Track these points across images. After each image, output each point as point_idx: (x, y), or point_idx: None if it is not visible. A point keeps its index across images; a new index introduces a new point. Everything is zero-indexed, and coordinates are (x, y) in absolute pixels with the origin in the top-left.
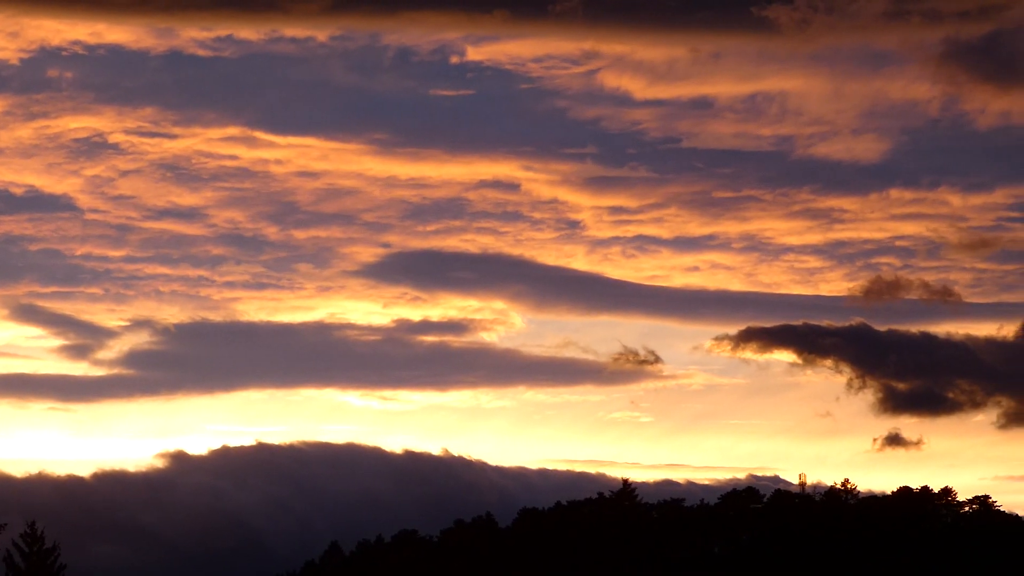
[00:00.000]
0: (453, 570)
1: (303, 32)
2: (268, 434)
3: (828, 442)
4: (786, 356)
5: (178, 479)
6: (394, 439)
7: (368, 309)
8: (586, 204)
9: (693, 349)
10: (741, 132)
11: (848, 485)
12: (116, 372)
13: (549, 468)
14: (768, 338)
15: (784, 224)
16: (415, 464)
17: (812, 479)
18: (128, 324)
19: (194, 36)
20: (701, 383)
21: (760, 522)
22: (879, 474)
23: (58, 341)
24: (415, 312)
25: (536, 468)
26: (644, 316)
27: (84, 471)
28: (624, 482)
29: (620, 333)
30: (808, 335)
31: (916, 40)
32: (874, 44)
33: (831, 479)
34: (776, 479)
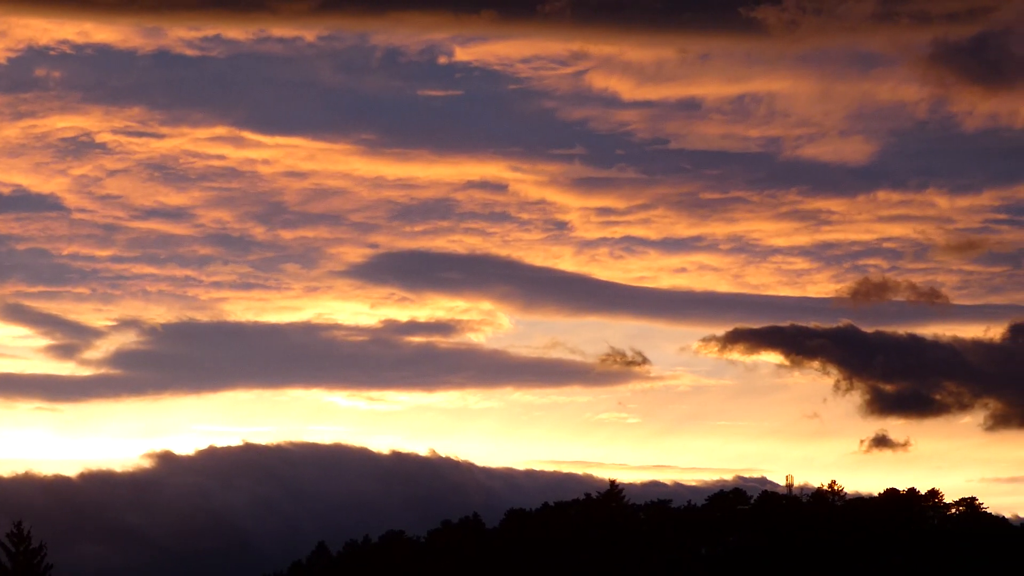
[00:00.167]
0: (440, 571)
1: (291, 32)
2: (255, 434)
3: (815, 443)
4: (773, 357)
5: (165, 479)
6: (381, 440)
7: (355, 309)
8: (574, 205)
9: (680, 350)
10: (729, 133)
11: (835, 486)
12: (103, 372)
13: (536, 469)
14: (755, 339)
15: (772, 225)
16: (402, 465)
17: (799, 480)
18: (115, 324)
19: (182, 36)
20: (688, 384)
21: (747, 523)
22: (866, 476)
23: (45, 341)
24: (402, 313)
25: (523, 469)
26: (632, 317)
27: (71, 471)
28: (611, 483)
29: (608, 334)
30: (795, 336)
31: (904, 42)
32: (862, 46)
33: (818, 480)
34: (763, 480)
